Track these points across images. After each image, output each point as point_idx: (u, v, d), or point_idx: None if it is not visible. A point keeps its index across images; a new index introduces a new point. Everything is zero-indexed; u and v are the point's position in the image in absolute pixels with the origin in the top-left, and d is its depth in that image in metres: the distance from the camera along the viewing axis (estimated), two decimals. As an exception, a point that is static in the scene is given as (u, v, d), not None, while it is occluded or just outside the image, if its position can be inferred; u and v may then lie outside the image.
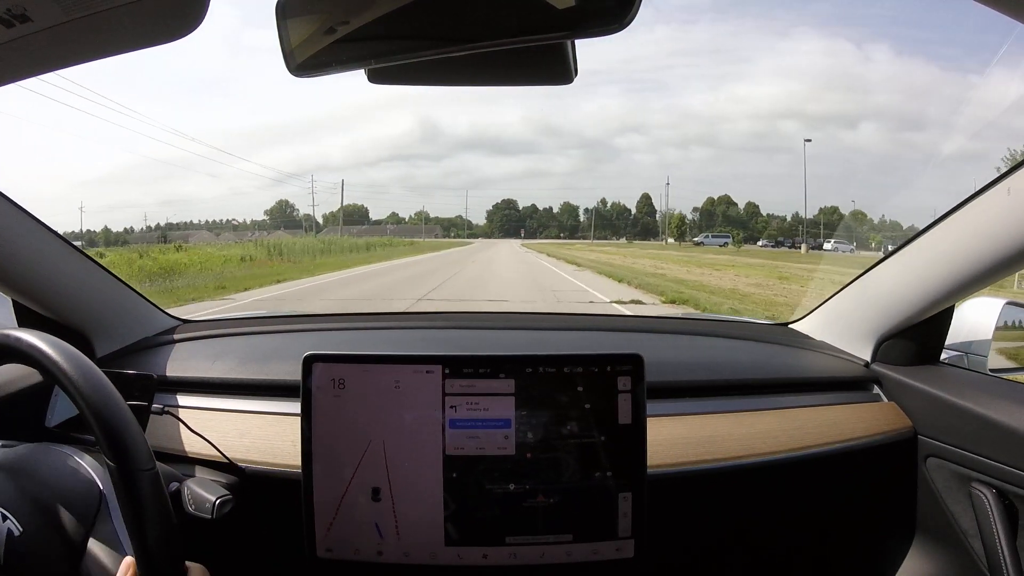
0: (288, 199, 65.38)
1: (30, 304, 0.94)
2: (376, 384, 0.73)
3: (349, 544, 0.73)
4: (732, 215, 59.06)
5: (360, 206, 72.58)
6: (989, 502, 0.83)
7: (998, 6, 0.49)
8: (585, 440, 0.73)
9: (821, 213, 49.41)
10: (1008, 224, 0.77)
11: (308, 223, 64.76)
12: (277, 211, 63.44)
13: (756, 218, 58.53)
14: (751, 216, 58.36)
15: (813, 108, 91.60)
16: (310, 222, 66.53)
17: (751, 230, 55.48)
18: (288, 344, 1.14)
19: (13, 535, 0.57)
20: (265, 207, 64.49)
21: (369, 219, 70.23)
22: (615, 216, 70.53)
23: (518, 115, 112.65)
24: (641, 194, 69.91)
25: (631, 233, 63.56)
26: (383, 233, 60.40)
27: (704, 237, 43.57)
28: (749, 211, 59.41)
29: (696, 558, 0.97)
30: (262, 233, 47.51)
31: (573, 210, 76.59)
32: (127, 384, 0.81)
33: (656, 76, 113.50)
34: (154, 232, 37.32)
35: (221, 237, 34.08)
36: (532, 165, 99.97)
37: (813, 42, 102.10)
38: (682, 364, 1.04)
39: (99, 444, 0.57)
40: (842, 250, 26.93)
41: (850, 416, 0.96)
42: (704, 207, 62.26)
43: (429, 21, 0.52)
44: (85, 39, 0.56)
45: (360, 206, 72.58)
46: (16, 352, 0.60)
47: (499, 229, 74.10)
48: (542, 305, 8.67)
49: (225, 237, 35.48)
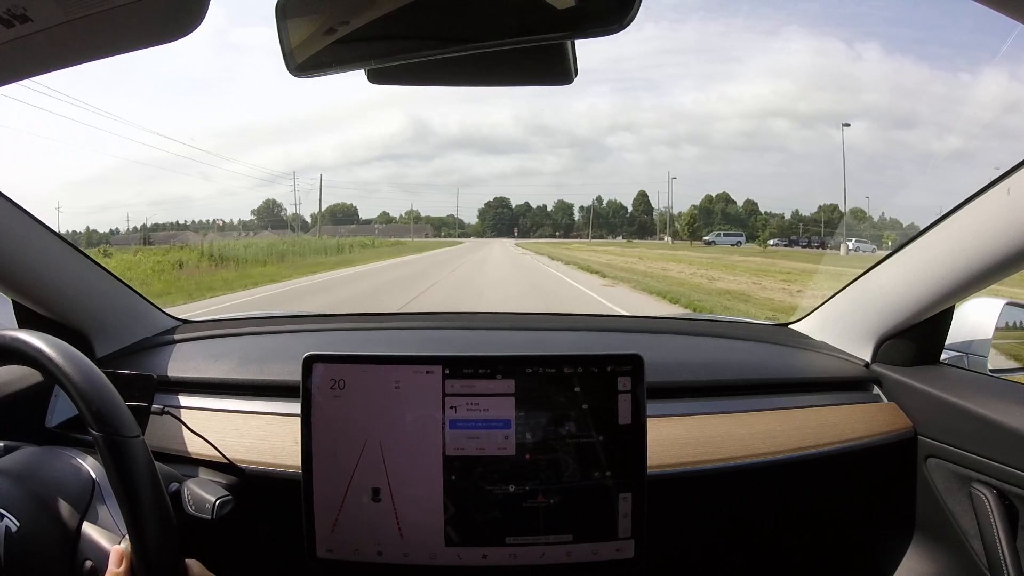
0: (276, 199, 63.88)
1: (30, 304, 0.94)
2: (376, 384, 0.73)
3: (349, 544, 0.73)
4: (731, 213, 57.43)
5: (349, 205, 70.45)
6: (989, 502, 0.83)
7: (998, 6, 0.49)
8: (585, 440, 0.73)
9: (821, 211, 47.90)
10: (1008, 224, 0.77)
11: (297, 222, 63.43)
12: (264, 211, 61.43)
13: (755, 216, 56.80)
14: (750, 214, 56.76)
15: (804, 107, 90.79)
16: (299, 221, 65.04)
17: (751, 228, 53.45)
18: (288, 344, 1.14)
19: (11, 532, 0.57)
20: (253, 207, 62.91)
21: (359, 218, 68.46)
22: (612, 214, 68.73)
23: (509, 114, 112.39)
24: (638, 191, 67.74)
25: (628, 232, 61.81)
26: (371, 233, 58.96)
27: (716, 236, 39.75)
28: (748, 209, 57.84)
29: (696, 558, 0.97)
30: (248, 233, 46.38)
31: (568, 208, 74.04)
32: (127, 384, 0.81)
33: (646, 75, 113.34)
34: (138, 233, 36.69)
35: (207, 238, 33.51)
36: (523, 164, 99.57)
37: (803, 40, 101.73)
38: (682, 364, 1.04)
39: (84, 418, 0.57)
40: (864, 250, 25.33)
41: (850, 416, 0.96)
42: (702, 204, 60.15)
43: (429, 21, 0.52)
44: (85, 39, 0.56)
45: (349, 205, 70.45)
46: (16, 352, 0.60)
47: (491, 228, 72.12)
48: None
49: (211, 238, 34.91)
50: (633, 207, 65.60)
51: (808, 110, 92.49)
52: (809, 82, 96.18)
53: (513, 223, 71.14)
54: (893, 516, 0.97)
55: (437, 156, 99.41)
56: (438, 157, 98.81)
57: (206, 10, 0.54)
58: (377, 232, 60.60)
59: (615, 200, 70.01)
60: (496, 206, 75.11)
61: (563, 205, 73.79)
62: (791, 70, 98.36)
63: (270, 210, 61.60)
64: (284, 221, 61.79)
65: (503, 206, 75.31)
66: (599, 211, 69.77)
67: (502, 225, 70.95)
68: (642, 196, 65.93)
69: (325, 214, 67.58)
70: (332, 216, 66.02)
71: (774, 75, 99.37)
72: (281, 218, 61.97)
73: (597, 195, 77.59)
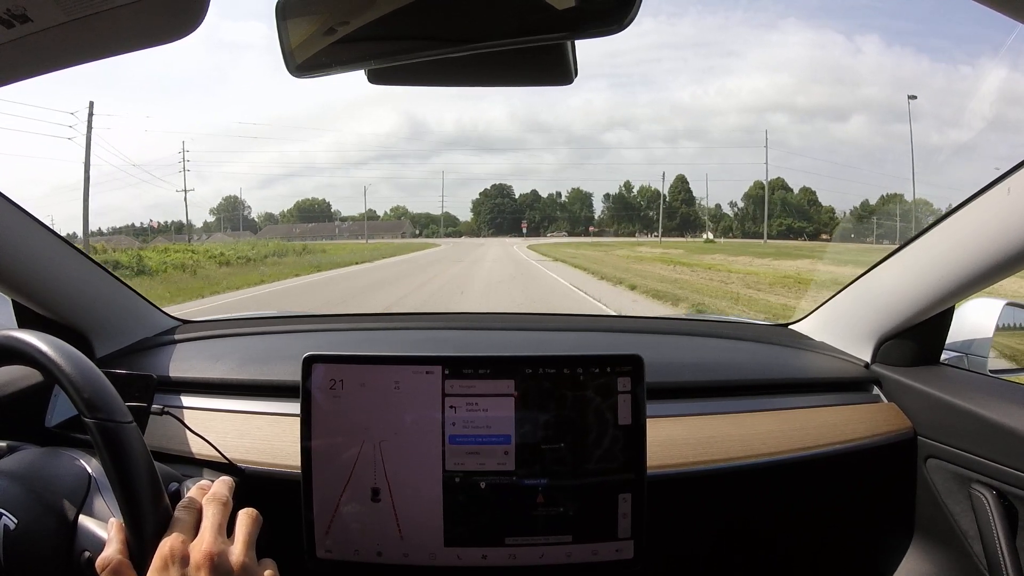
0: (237, 195, 58.01)
1: (30, 304, 0.94)
2: (376, 385, 0.73)
3: (349, 544, 0.73)
4: (792, 202, 47.62)
5: (321, 200, 63.07)
6: (989, 503, 0.83)
7: (998, 6, 0.49)
8: (585, 441, 0.73)
9: (881, 202, 41.14)
10: (1008, 224, 0.77)
11: (262, 222, 57.34)
12: (224, 209, 56.33)
13: (815, 207, 47.45)
14: (809, 204, 47.70)
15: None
16: (267, 221, 58.61)
17: (816, 223, 45.48)
18: (288, 344, 1.14)
19: (9, 529, 0.57)
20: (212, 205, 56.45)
21: (331, 215, 61.16)
22: (646, 204, 55.62)
23: (504, 111, 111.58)
24: (676, 176, 54.68)
25: (667, 227, 50.13)
26: (331, 233, 53.02)
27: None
28: (807, 198, 48.35)
29: (696, 559, 0.97)
30: (204, 236, 43.76)
31: (585, 197, 59.86)
32: (126, 384, 0.81)
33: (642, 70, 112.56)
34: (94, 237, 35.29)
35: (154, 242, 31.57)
36: (519, 161, 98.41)
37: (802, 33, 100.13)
38: (682, 365, 1.04)
39: (77, 407, 0.57)
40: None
41: (850, 417, 0.96)
42: (751, 192, 49.51)
43: (429, 21, 0.52)
44: (85, 39, 0.56)
45: (321, 200, 63.07)
46: (16, 352, 0.60)
47: (488, 224, 59.12)
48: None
49: (158, 241, 33.14)
50: (671, 195, 53.56)
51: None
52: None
53: (516, 217, 59.53)
54: (893, 516, 0.97)
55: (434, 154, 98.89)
56: (435, 155, 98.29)
57: (206, 10, 0.54)
58: (339, 231, 55.19)
59: (648, 186, 57.05)
60: (494, 195, 62.36)
61: (579, 194, 60.61)
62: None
63: (229, 207, 55.64)
64: (249, 221, 56.14)
65: (503, 195, 62.38)
66: (627, 200, 57.23)
67: (502, 220, 59.59)
68: (680, 182, 53.98)
69: (292, 211, 61.38)
70: (301, 213, 60.52)
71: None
72: (246, 217, 55.88)
73: (625, 180, 63.82)
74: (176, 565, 0.53)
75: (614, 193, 59.49)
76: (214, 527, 0.57)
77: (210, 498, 0.60)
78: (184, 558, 0.54)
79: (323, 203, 63.36)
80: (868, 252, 19.57)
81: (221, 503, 0.60)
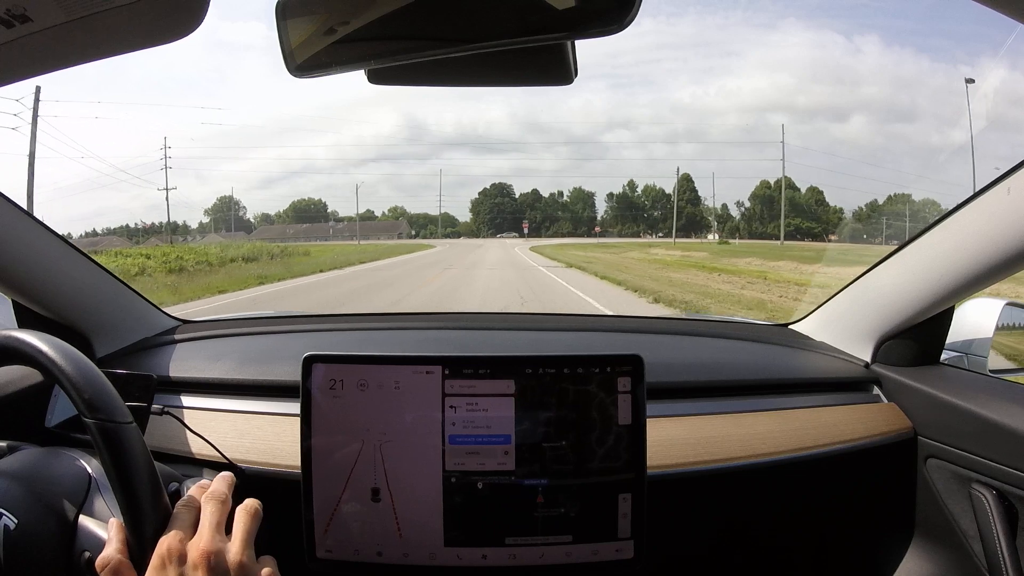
0: (233, 195, 57.30)
1: (30, 304, 0.95)
2: (376, 385, 0.73)
3: (348, 545, 0.73)
4: (798, 201, 46.54)
5: (317, 200, 62.84)
6: (989, 503, 0.83)
7: (998, 6, 0.49)
8: (585, 441, 0.73)
9: (889, 202, 40.16)
10: (1008, 224, 0.77)
11: (259, 223, 56.55)
12: (219, 210, 55.84)
13: (822, 207, 46.42)
14: (817, 203, 46.81)
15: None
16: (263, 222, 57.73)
17: (824, 223, 44.46)
18: (288, 344, 1.14)
19: (9, 529, 0.58)
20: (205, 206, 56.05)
21: (327, 216, 60.68)
22: (650, 203, 54.65)
23: (504, 112, 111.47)
24: (681, 175, 53.21)
25: (673, 227, 49.24)
26: (325, 234, 52.56)
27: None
28: (813, 197, 47.54)
29: (696, 559, 0.97)
30: (199, 237, 43.47)
31: (588, 197, 59.08)
32: (126, 384, 0.81)
33: (643, 70, 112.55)
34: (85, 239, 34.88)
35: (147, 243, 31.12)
36: (520, 161, 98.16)
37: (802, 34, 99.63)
38: (682, 365, 1.04)
39: (78, 407, 0.57)
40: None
41: (850, 417, 0.96)
42: (757, 191, 48.63)
43: (429, 21, 0.52)
44: (85, 39, 0.56)
45: (317, 200, 62.84)
46: (16, 352, 0.60)
47: (488, 224, 58.74)
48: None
49: (152, 242, 32.78)
50: (677, 195, 52.29)
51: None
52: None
53: (517, 217, 58.77)
54: (893, 516, 0.97)
55: (433, 155, 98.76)
56: (434, 156, 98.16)
57: (206, 10, 0.54)
58: (332, 232, 54.75)
59: (652, 185, 56.50)
60: (493, 195, 61.86)
61: (582, 194, 59.70)
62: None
63: (224, 208, 54.76)
64: (245, 222, 55.46)
65: (503, 194, 61.79)
66: (631, 200, 56.45)
67: (502, 220, 59.16)
68: (685, 181, 52.72)
69: (288, 212, 61.14)
70: (297, 214, 60.28)
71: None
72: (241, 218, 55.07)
73: (629, 179, 62.49)
74: (173, 564, 0.53)
75: (618, 192, 59.16)
76: (212, 525, 0.57)
77: (209, 496, 0.60)
78: (181, 556, 0.54)
79: (319, 203, 63.35)
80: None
81: (220, 501, 0.60)
